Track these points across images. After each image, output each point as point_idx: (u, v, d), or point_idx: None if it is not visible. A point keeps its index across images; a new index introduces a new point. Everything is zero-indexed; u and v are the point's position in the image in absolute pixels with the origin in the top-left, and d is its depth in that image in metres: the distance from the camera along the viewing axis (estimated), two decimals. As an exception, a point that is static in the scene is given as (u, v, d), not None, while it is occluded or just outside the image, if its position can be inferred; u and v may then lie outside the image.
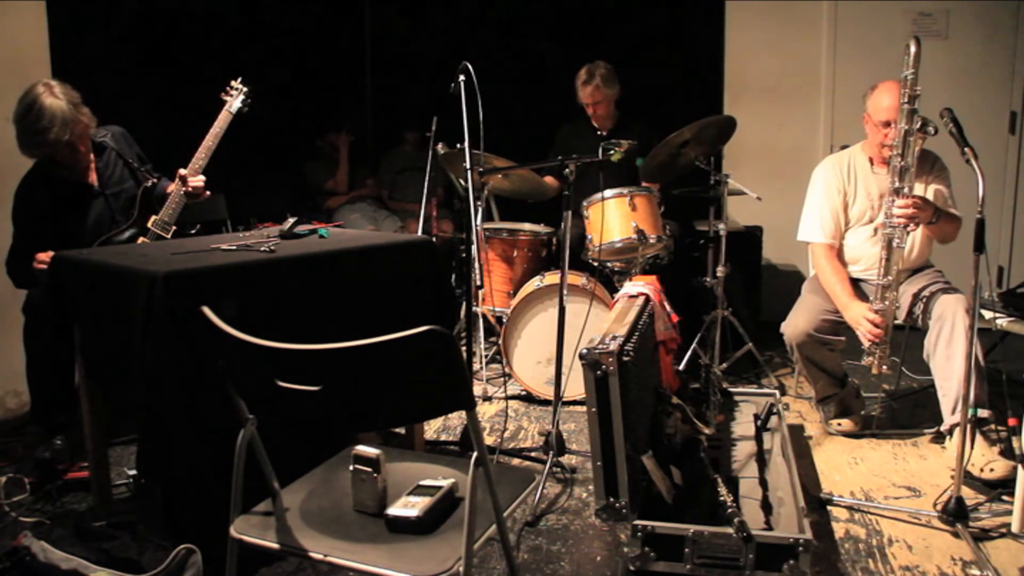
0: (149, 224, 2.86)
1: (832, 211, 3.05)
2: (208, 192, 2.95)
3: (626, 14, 4.99)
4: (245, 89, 3.04)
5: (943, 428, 2.73)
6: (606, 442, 2.15)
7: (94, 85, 2.91)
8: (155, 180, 2.97)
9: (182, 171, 2.87)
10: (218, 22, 4.70)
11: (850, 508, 2.51)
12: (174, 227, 2.89)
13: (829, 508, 2.51)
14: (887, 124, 2.83)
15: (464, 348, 3.23)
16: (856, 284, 3.03)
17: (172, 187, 2.89)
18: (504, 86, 4.34)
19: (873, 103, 2.91)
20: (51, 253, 2.46)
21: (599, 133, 4.08)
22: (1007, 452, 2.66)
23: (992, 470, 2.54)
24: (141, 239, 2.85)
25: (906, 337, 3.21)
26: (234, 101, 3.01)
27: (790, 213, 3.29)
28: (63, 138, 2.66)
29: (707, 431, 2.72)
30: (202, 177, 2.89)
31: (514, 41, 5.17)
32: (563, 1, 5.13)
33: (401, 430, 2.90)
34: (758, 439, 2.81)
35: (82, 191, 2.84)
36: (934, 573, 2.14)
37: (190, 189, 2.86)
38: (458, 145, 2.95)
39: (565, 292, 2.70)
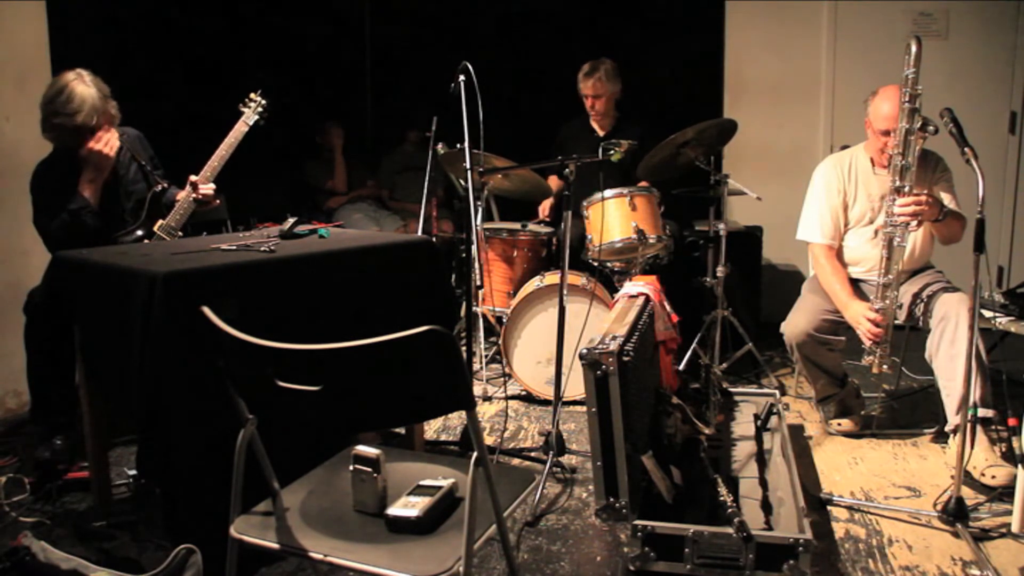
0: (155, 228, 2.88)
1: (832, 211, 3.05)
2: (218, 200, 2.97)
3: (626, 14, 4.99)
4: (264, 102, 3.07)
5: (948, 428, 2.72)
6: (606, 442, 2.15)
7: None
8: (164, 186, 2.98)
9: (193, 177, 2.88)
10: (218, 22, 4.71)
11: (850, 508, 2.51)
12: (180, 233, 2.90)
13: (829, 508, 2.51)
14: (887, 133, 2.83)
15: (464, 348, 3.23)
16: (856, 284, 3.03)
17: (181, 195, 2.91)
18: (504, 86, 4.35)
19: (874, 110, 2.90)
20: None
21: (599, 133, 4.08)
22: (1008, 453, 2.65)
23: (994, 477, 2.53)
24: (146, 243, 2.85)
25: (906, 337, 3.22)
26: (251, 114, 3.04)
27: (790, 213, 3.29)
28: (89, 123, 2.69)
29: (707, 431, 2.72)
30: (212, 185, 2.91)
31: (514, 41, 5.17)
32: (563, 1, 5.13)
33: (401, 430, 2.90)
34: (758, 439, 2.81)
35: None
36: (934, 573, 2.14)
37: (200, 196, 2.87)
38: (458, 145, 2.96)
39: (565, 292, 2.70)
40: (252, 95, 3.08)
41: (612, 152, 2.96)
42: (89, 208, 2.74)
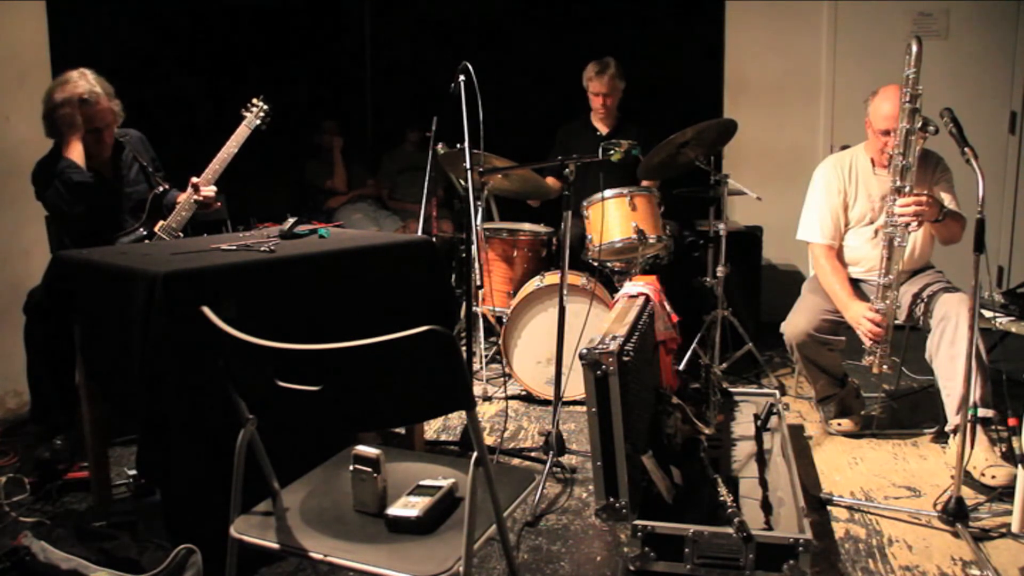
0: (156, 229, 2.88)
1: (832, 212, 3.05)
2: (219, 203, 2.98)
3: (626, 14, 4.99)
4: (266, 107, 3.10)
5: (948, 428, 2.72)
6: (606, 442, 2.15)
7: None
8: (166, 187, 2.99)
9: (195, 179, 2.89)
10: (217, 22, 4.71)
11: (850, 508, 2.51)
12: (180, 234, 2.90)
13: (829, 508, 2.51)
14: (887, 133, 2.83)
15: (464, 348, 3.23)
16: (856, 284, 3.03)
17: (182, 197, 2.92)
18: (504, 86, 4.35)
19: (874, 110, 2.90)
20: None
21: (599, 133, 4.09)
22: (1008, 453, 2.65)
23: (994, 477, 2.53)
24: (146, 243, 2.86)
25: (906, 337, 3.22)
26: (253, 118, 3.06)
27: (790, 213, 3.29)
28: (90, 99, 2.72)
29: (707, 431, 2.72)
30: (214, 187, 2.92)
31: (514, 41, 5.17)
32: (563, 1, 5.13)
33: (401, 430, 2.90)
34: (758, 439, 2.81)
35: (95, 183, 2.85)
36: (934, 573, 2.14)
37: (201, 198, 2.88)
38: (458, 145, 2.96)
39: (565, 292, 2.70)
40: (254, 100, 3.10)
41: (612, 152, 2.95)
42: (72, 166, 2.74)
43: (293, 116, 5.06)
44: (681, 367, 3.56)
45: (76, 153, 2.76)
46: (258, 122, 3.07)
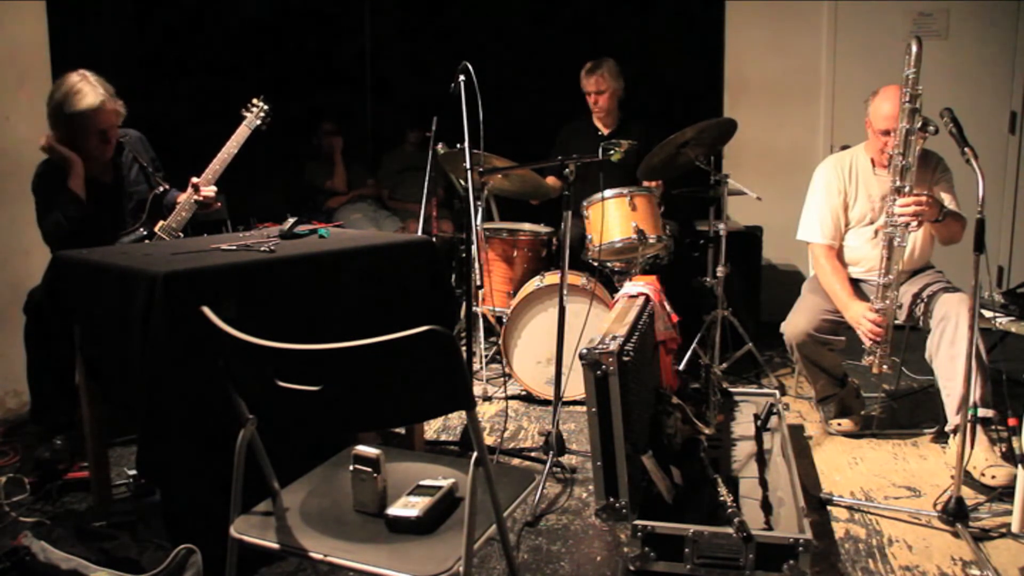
0: (156, 229, 2.89)
1: (832, 212, 3.05)
2: (219, 203, 2.99)
3: (626, 14, 4.99)
4: (266, 108, 3.10)
5: (948, 428, 2.72)
6: (606, 442, 2.15)
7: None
8: (166, 188, 2.99)
9: (195, 179, 2.89)
10: (216, 23, 4.71)
11: (850, 508, 2.51)
12: (180, 234, 2.90)
13: (829, 508, 2.51)
14: (887, 133, 2.83)
15: (464, 348, 3.23)
16: (856, 284, 3.03)
17: (182, 197, 2.93)
18: (504, 86, 4.35)
19: (874, 110, 2.90)
20: None
21: (600, 133, 4.09)
22: (1008, 453, 2.65)
23: (994, 477, 2.53)
24: (147, 243, 2.86)
25: (906, 337, 3.22)
26: (254, 118, 3.07)
27: (790, 213, 3.29)
28: (101, 106, 2.73)
29: (707, 431, 2.72)
30: (214, 187, 2.92)
31: (514, 41, 5.17)
32: (563, 1, 5.13)
33: (401, 430, 2.90)
34: (758, 439, 2.81)
35: (96, 185, 2.85)
36: (934, 573, 2.14)
37: (201, 198, 2.88)
38: (458, 145, 2.96)
39: (565, 292, 2.70)
40: (255, 100, 3.10)
41: (612, 152, 2.95)
42: (73, 200, 2.74)
43: (293, 116, 5.07)
44: (681, 367, 3.56)
45: (77, 184, 2.77)
46: (258, 122, 3.07)
